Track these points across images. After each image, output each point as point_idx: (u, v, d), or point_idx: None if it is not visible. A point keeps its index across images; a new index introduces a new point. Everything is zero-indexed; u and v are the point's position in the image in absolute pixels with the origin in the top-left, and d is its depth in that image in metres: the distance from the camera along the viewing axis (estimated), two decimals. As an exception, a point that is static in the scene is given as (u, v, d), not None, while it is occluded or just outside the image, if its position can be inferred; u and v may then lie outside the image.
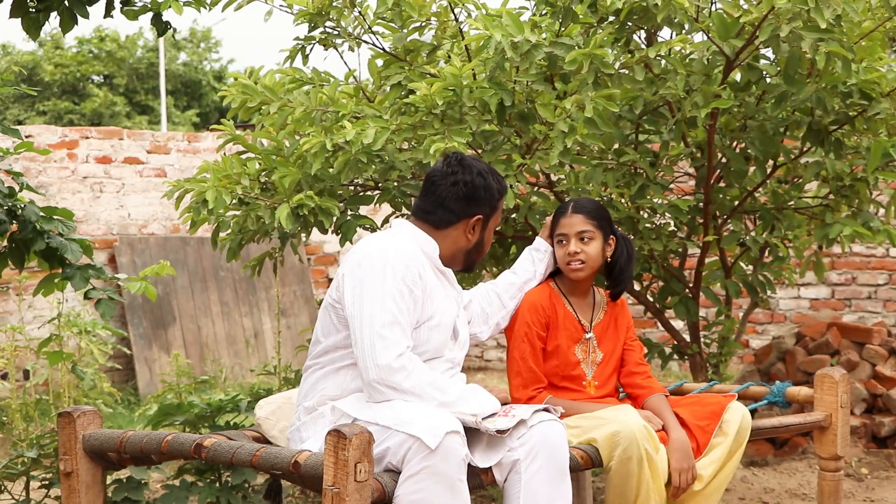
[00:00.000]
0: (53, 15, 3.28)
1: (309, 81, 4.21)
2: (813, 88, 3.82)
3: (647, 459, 3.05)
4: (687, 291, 4.53)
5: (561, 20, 3.80)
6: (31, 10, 3.25)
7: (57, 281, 3.48)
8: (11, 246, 3.44)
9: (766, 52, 3.92)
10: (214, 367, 8.03)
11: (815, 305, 8.14)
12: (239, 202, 4.01)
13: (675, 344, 4.74)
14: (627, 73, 3.80)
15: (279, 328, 6.38)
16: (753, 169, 4.47)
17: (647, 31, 4.08)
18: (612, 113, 3.77)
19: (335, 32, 4.11)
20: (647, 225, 4.29)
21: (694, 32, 3.82)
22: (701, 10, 3.78)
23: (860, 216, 4.34)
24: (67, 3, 3.23)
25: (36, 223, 3.37)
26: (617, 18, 3.79)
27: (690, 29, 3.78)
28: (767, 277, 4.70)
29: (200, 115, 19.70)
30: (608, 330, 3.44)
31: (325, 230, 3.93)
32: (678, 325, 7.13)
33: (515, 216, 4.19)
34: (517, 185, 3.80)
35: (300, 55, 4.18)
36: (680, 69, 3.78)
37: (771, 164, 4.45)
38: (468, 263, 3.18)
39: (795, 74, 3.78)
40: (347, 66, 4.52)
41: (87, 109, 17.93)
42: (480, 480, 2.87)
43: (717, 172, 4.43)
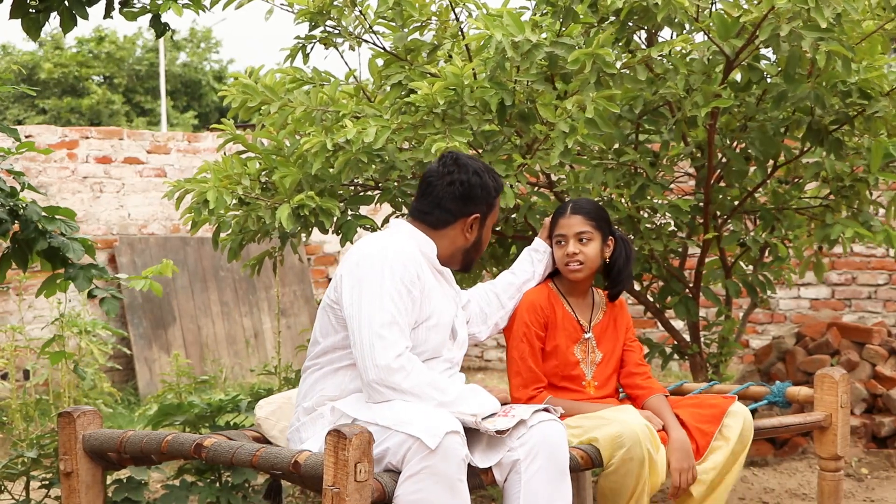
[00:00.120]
0: (53, 15, 3.28)
1: (309, 81, 4.21)
2: (811, 86, 3.82)
3: (647, 459, 3.05)
4: (687, 291, 4.53)
5: (561, 20, 3.80)
6: (31, 10, 3.25)
7: (59, 281, 3.47)
8: (14, 246, 3.44)
9: (766, 51, 3.92)
10: (214, 367, 8.02)
11: (815, 305, 8.14)
12: (239, 202, 4.01)
13: (675, 344, 4.74)
14: (629, 73, 3.80)
15: (279, 328, 6.37)
16: (754, 169, 4.47)
17: (647, 31, 4.08)
18: (612, 113, 3.77)
19: (336, 31, 4.11)
20: (647, 225, 4.29)
21: (694, 32, 3.82)
22: (701, 9, 3.78)
23: (860, 216, 4.34)
24: (67, 3, 3.23)
25: (38, 223, 3.36)
26: (617, 18, 3.78)
27: (691, 29, 3.78)
28: (767, 277, 4.70)
29: (199, 116, 19.67)
30: (607, 330, 3.44)
31: (325, 230, 3.93)
32: (678, 325, 7.12)
33: (515, 216, 4.18)
34: (517, 185, 3.80)
35: (301, 54, 4.18)
36: (682, 68, 3.78)
37: (771, 164, 4.45)
38: (466, 262, 3.18)
39: (796, 74, 3.78)
40: (348, 65, 4.53)
41: (83, 106, 17.89)
42: (480, 480, 2.87)
43: (717, 172, 4.43)
